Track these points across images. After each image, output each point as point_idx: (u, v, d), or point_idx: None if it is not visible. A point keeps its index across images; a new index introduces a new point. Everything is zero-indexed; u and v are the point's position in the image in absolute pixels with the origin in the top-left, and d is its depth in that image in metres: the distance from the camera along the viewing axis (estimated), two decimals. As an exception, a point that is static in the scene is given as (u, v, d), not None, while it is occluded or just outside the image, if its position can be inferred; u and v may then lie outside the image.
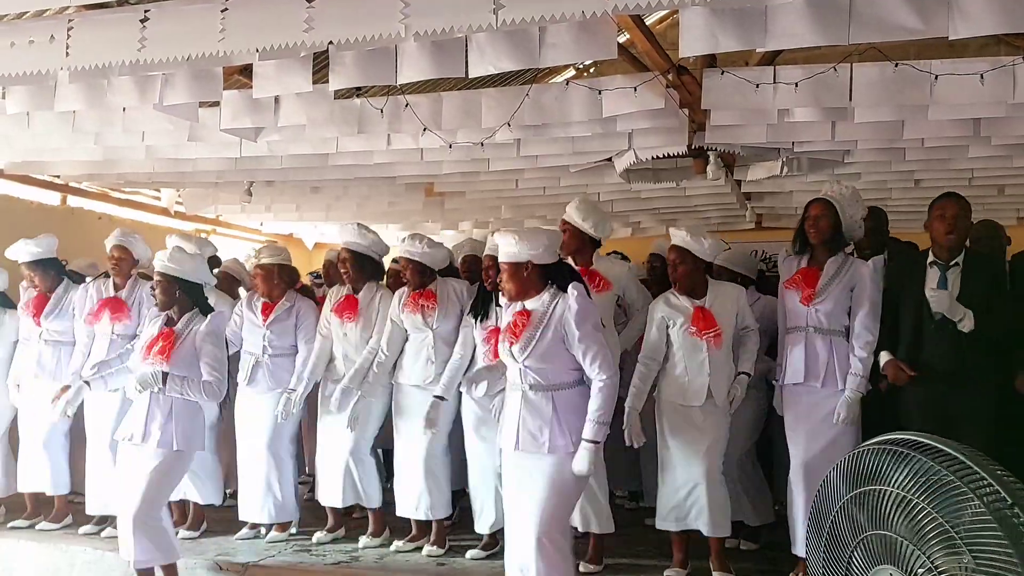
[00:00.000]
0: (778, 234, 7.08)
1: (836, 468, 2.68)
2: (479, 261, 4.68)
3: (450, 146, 4.80)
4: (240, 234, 8.92)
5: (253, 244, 8.41)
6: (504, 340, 3.14)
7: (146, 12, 3.31)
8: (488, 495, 4.08)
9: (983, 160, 5.33)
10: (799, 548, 3.52)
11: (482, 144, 4.75)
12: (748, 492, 4.19)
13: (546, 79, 6.96)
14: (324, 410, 4.42)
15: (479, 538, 4.18)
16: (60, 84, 3.92)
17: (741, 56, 4.69)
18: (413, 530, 4.32)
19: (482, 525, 4.14)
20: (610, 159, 5.52)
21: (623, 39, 4.25)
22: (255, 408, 4.48)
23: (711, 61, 4.20)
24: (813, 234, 3.63)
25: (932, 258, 3.49)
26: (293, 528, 4.56)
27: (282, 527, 4.51)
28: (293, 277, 4.78)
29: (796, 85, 3.89)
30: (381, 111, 4.47)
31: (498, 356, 3.37)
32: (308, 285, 6.32)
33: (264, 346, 4.48)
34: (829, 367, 3.53)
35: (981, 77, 3.69)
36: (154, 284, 3.75)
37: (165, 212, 7.80)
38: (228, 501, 5.20)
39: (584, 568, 3.84)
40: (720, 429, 3.70)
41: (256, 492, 4.49)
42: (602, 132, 4.67)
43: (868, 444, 2.60)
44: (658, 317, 3.78)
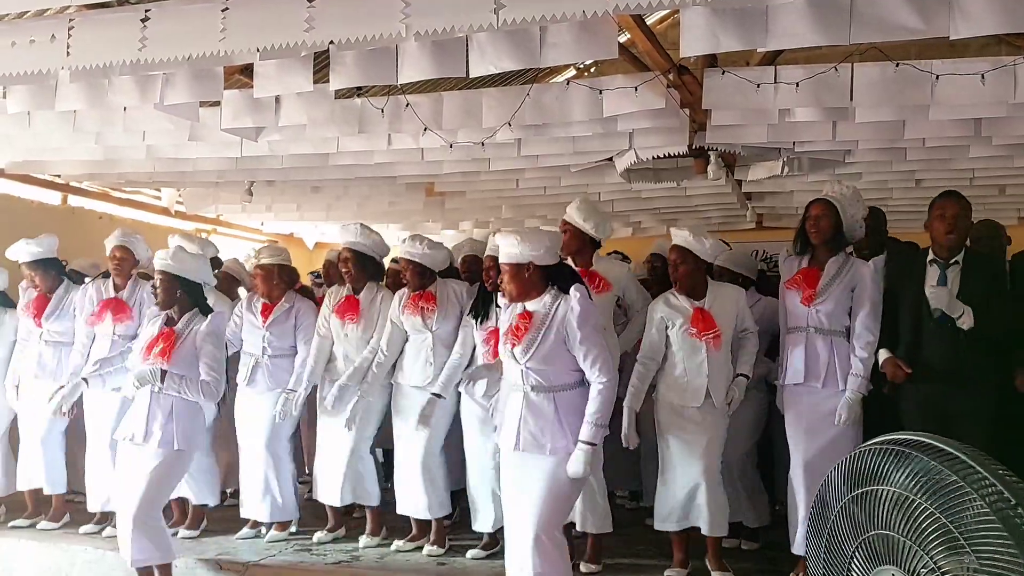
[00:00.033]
0: (779, 234, 7.07)
1: (837, 468, 2.67)
2: (479, 261, 4.67)
3: (451, 146, 4.80)
4: (241, 234, 8.92)
5: (254, 244, 8.40)
6: (506, 342, 3.13)
7: (147, 12, 3.31)
8: (488, 495, 4.08)
9: (984, 160, 5.33)
10: (799, 547, 3.52)
11: (483, 144, 4.75)
12: (748, 493, 4.19)
13: (547, 79, 6.96)
14: (323, 409, 4.42)
15: (479, 538, 4.18)
16: (61, 83, 3.92)
17: (742, 56, 4.68)
18: (413, 530, 4.32)
19: (482, 524, 4.15)
20: (611, 159, 5.52)
21: (624, 39, 4.25)
22: (254, 408, 4.48)
23: (712, 61, 4.20)
24: (814, 234, 3.62)
25: (932, 256, 3.49)
26: (292, 528, 4.57)
27: (281, 526, 4.52)
28: (293, 278, 4.78)
29: (797, 85, 3.89)
30: (382, 111, 4.48)
31: (497, 356, 3.37)
32: (308, 285, 6.32)
33: (263, 347, 4.48)
34: (830, 367, 3.53)
35: (982, 77, 3.69)
36: (155, 283, 3.75)
37: (166, 212, 7.81)
38: (229, 501, 5.22)
39: (585, 568, 3.84)
40: (718, 429, 3.70)
41: (256, 491, 4.49)
42: (603, 132, 4.68)
43: (869, 444, 2.60)
44: (657, 317, 3.78)
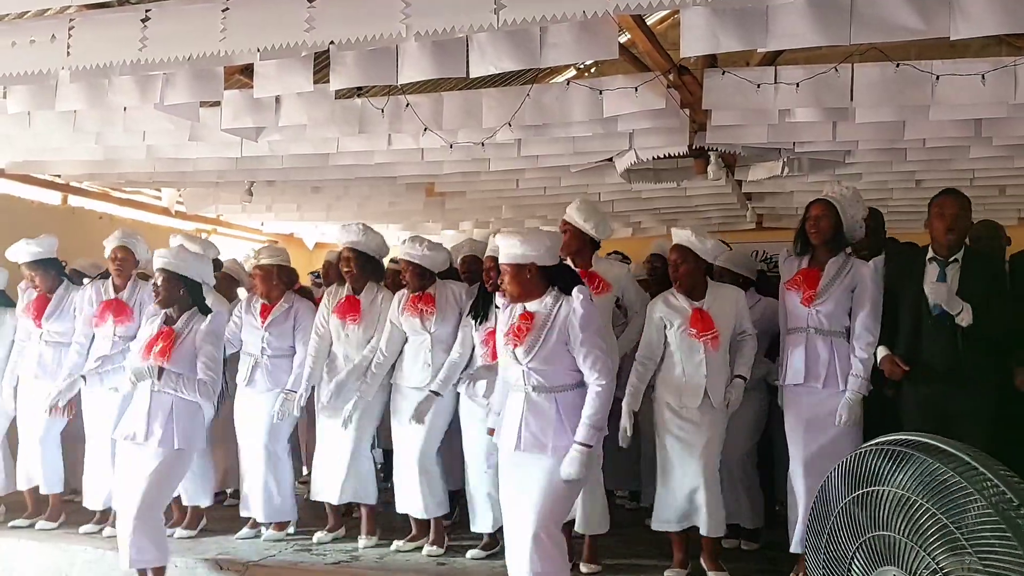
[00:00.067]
0: (779, 234, 7.06)
1: (837, 469, 2.67)
2: (479, 261, 4.67)
3: (451, 146, 4.80)
4: (241, 234, 8.91)
5: (254, 244, 8.40)
6: (507, 342, 3.13)
7: (147, 12, 3.31)
8: (487, 496, 4.07)
9: (984, 160, 5.32)
10: (797, 546, 3.53)
11: (483, 144, 4.75)
12: (747, 493, 4.19)
13: (547, 79, 6.95)
14: (322, 410, 4.42)
15: (479, 538, 4.18)
16: (61, 84, 3.92)
17: (742, 56, 4.68)
18: (413, 530, 4.32)
19: (480, 525, 4.14)
20: (611, 159, 5.52)
21: (624, 39, 4.25)
22: (254, 408, 4.49)
23: (712, 61, 4.20)
24: (814, 235, 3.62)
25: (931, 254, 3.49)
26: (290, 529, 4.56)
27: (279, 527, 4.51)
28: (292, 278, 4.78)
29: (797, 85, 3.89)
30: (382, 111, 4.48)
31: (496, 358, 3.36)
32: (308, 286, 6.31)
33: (262, 347, 4.48)
34: (830, 368, 3.53)
35: (982, 77, 3.69)
36: (156, 281, 3.74)
37: (166, 212, 7.80)
38: (229, 501, 5.22)
39: (585, 569, 3.84)
40: (717, 429, 3.70)
41: (254, 491, 4.50)
42: (603, 132, 4.68)
43: (869, 445, 2.60)
44: (656, 317, 3.78)
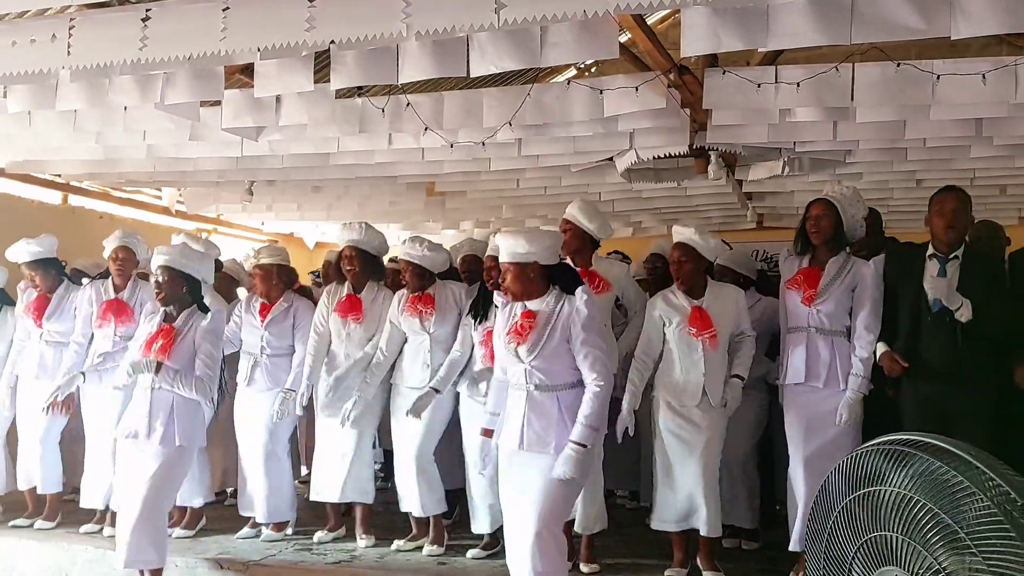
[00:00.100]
0: (779, 234, 7.06)
1: (837, 469, 2.66)
2: (479, 261, 4.67)
3: (451, 145, 4.80)
4: (241, 233, 8.92)
5: (254, 244, 8.40)
6: (510, 340, 3.13)
7: (147, 11, 3.31)
8: (485, 496, 4.07)
9: (985, 160, 5.32)
10: (796, 544, 3.53)
11: (483, 144, 4.75)
12: (747, 493, 4.19)
13: (547, 79, 6.96)
14: (321, 409, 4.42)
15: (480, 537, 4.17)
16: (61, 83, 3.92)
17: (743, 56, 4.68)
18: (413, 529, 4.32)
19: (480, 526, 4.14)
20: (611, 159, 5.52)
21: (624, 39, 4.25)
22: (254, 408, 4.48)
23: (712, 61, 4.20)
24: (814, 234, 3.62)
25: (931, 251, 3.49)
26: (289, 530, 4.55)
27: (278, 527, 4.51)
28: (292, 277, 4.78)
29: (798, 85, 3.89)
30: (382, 110, 4.48)
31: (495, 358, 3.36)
32: (308, 285, 6.31)
33: (262, 346, 4.48)
34: (831, 367, 3.53)
35: (983, 77, 3.69)
36: (159, 278, 3.74)
37: (166, 211, 7.80)
38: (229, 500, 5.21)
39: (586, 568, 3.84)
40: (717, 429, 3.69)
41: (253, 491, 4.50)
42: (603, 132, 4.68)
43: (870, 445, 2.59)
44: (656, 315, 3.78)
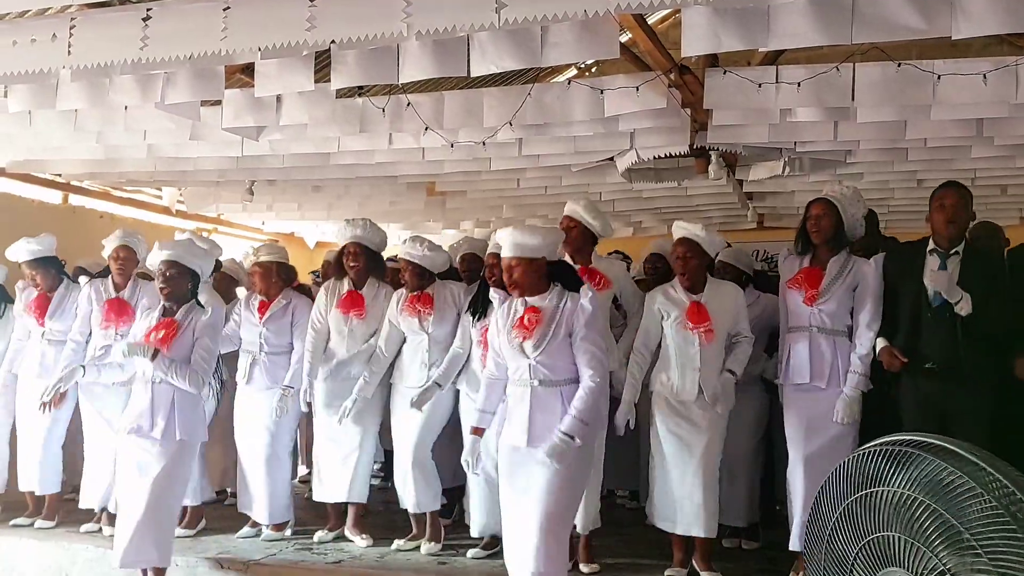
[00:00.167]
0: (780, 234, 7.06)
1: (838, 470, 2.65)
2: (479, 260, 4.67)
3: (452, 145, 4.80)
4: (242, 233, 8.92)
5: (254, 243, 8.39)
6: (516, 336, 3.13)
7: (148, 11, 3.31)
8: (482, 497, 4.06)
9: (986, 160, 5.31)
10: (796, 543, 3.53)
11: (484, 143, 4.75)
12: (749, 493, 4.19)
13: (548, 78, 6.95)
14: (322, 408, 4.41)
15: (481, 537, 4.17)
16: (62, 83, 3.92)
17: (743, 56, 4.68)
18: (413, 528, 4.32)
19: (477, 528, 4.12)
20: (612, 159, 5.51)
21: (625, 38, 4.24)
22: (253, 407, 4.49)
23: (713, 61, 4.20)
24: (815, 234, 3.63)
25: (932, 246, 3.49)
26: (288, 530, 4.54)
27: (278, 527, 4.50)
28: (291, 275, 4.78)
29: (798, 85, 3.89)
30: (383, 110, 4.48)
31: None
32: (308, 284, 6.31)
33: (261, 343, 4.48)
34: (833, 367, 3.54)
35: (984, 77, 3.69)
36: (166, 272, 3.74)
37: (167, 211, 7.80)
38: (229, 500, 5.21)
39: (586, 568, 3.84)
40: (717, 429, 3.69)
41: (252, 491, 4.50)
42: (604, 131, 4.67)
43: (871, 445, 2.58)
44: (655, 308, 3.79)
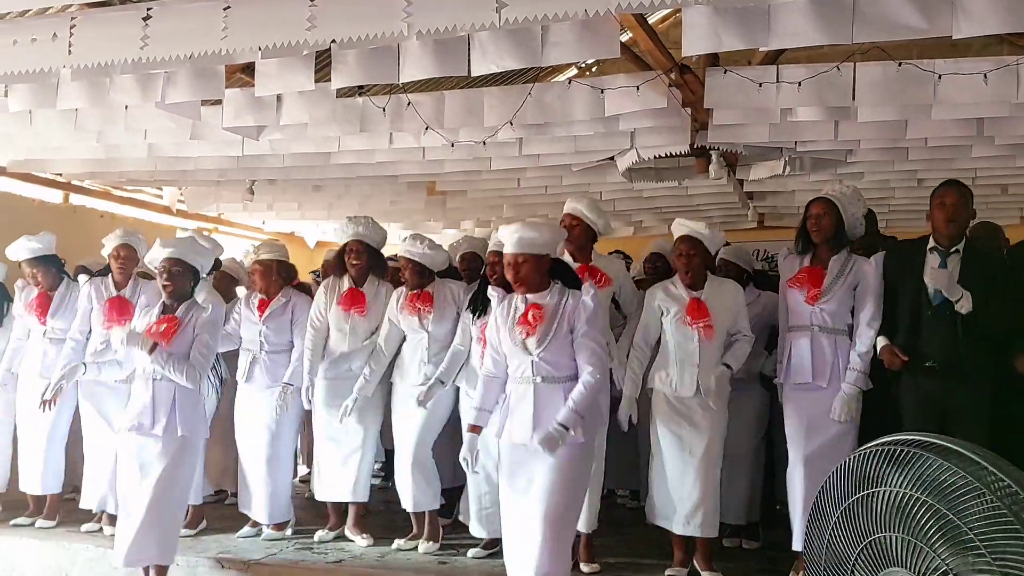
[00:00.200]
0: (780, 233, 7.06)
1: (838, 471, 2.65)
2: (478, 259, 4.68)
3: (452, 145, 4.80)
4: (242, 232, 8.92)
5: (255, 243, 8.40)
6: (520, 332, 3.13)
7: (148, 10, 3.31)
8: (479, 498, 4.05)
9: (986, 160, 5.31)
10: (798, 543, 3.52)
11: (484, 143, 4.75)
12: (750, 491, 4.19)
13: (548, 78, 6.94)
14: (322, 403, 4.41)
15: (480, 537, 4.17)
16: (62, 82, 3.92)
17: (744, 55, 4.67)
18: (414, 528, 4.32)
19: (477, 529, 4.11)
20: (612, 158, 5.51)
21: (626, 38, 4.24)
22: (253, 406, 4.49)
23: (714, 60, 4.20)
24: (815, 233, 3.63)
25: (932, 244, 3.49)
26: (288, 530, 4.54)
27: (279, 527, 4.50)
28: (291, 273, 4.79)
29: (799, 84, 3.89)
30: (383, 110, 4.48)
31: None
32: (308, 283, 6.31)
33: (260, 341, 4.48)
34: (834, 366, 3.54)
35: (984, 77, 3.69)
36: (171, 269, 3.75)
37: (167, 210, 7.80)
38: (229, 500, 5.21)
39: (587, 568, 3.83)
40: (718, 429, 3.68)
41: (253, 490, 4.50)
42: (604, 131, 4.67)
43: (872, 445, 2.58)
44: (655, 304, 3.80)
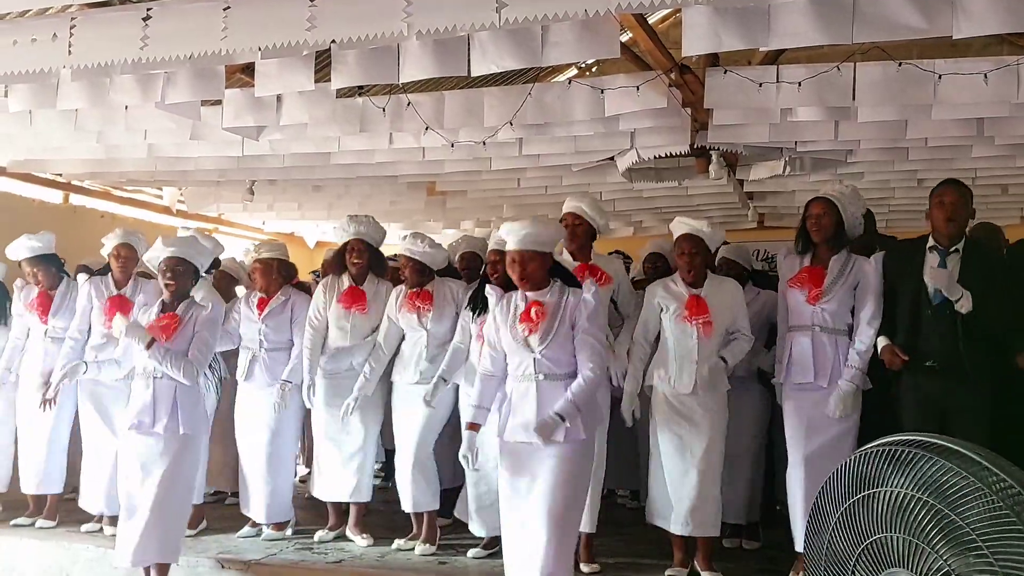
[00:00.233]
0: (780, 234, 7.06)
1: (838, 472, 2.64)
2: (478, 258, 4.68)
3: (452, 145, 4.80)
4: (242, 233, 8.92)
5: (254, 243, 8.40)
6: (523, 330, 3.13)
7: (148, 10, 3.31)
8: (485, 498, 4.05)
9: (986, 160, 5.31)
10: (798, 543, 3.52)
11: (484, 143, 4.75)
12: (751, 490, 4.18)
13: (548, 78, 6.94)
14: (322, 402, 4.40)
15: (480, 537, 4.16)
16: (62, 82, 3.93)
17: (744, 55, 4.67)
18: (414, 528, 4.32)
19: (478, 528, 4.11)
20: (612, 158, 5.51)
21: (626, 38, 4.24)
22: (253, 405, 4.49)
23: (714, 60, 4.20)
24: (815, 233, 3.63)
25: (932, 243, 3.48)
26: (289, 530, 4.54)
27: (278, 527, 4.50)
28: (291, 272, 4.79)
29: (799, 84, 3.89)
30: (383, 110, 4.48)
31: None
32: (308, 282, 6.31)
33: (260, 340, 4.48)
34: (835, 366, 3.54)
35: (984, 77, 3.69)
36: (174, 268, 3.75)
37: (167, 211, 7.80)
38: (229, 500, 5.21)
39: (587, 568, 3.83)
40: (718, 429, 3.68)
41: (253, 490, 4.50)
42: (604, 131, 4.68)
43: (872, 446, 2.57)
44: (654, 302, 3.81)
